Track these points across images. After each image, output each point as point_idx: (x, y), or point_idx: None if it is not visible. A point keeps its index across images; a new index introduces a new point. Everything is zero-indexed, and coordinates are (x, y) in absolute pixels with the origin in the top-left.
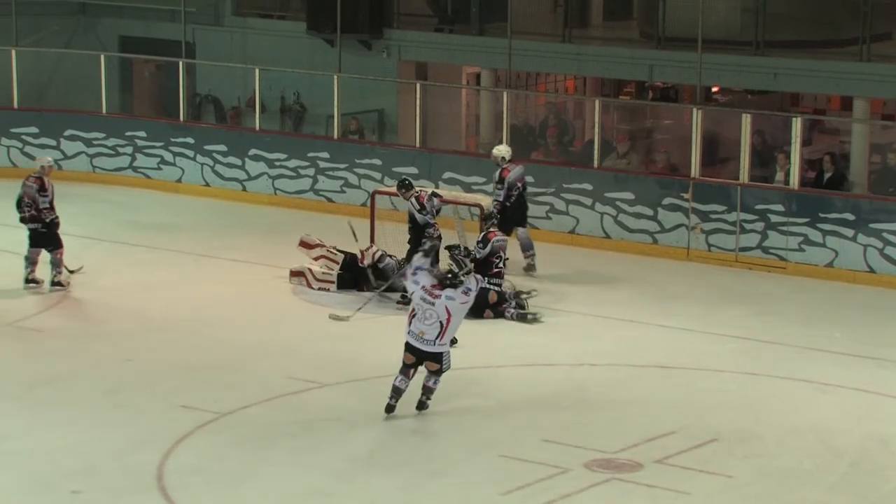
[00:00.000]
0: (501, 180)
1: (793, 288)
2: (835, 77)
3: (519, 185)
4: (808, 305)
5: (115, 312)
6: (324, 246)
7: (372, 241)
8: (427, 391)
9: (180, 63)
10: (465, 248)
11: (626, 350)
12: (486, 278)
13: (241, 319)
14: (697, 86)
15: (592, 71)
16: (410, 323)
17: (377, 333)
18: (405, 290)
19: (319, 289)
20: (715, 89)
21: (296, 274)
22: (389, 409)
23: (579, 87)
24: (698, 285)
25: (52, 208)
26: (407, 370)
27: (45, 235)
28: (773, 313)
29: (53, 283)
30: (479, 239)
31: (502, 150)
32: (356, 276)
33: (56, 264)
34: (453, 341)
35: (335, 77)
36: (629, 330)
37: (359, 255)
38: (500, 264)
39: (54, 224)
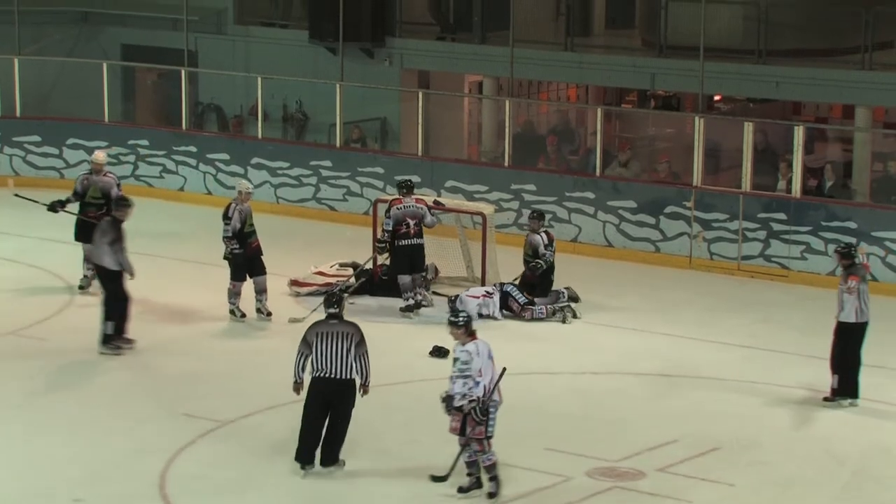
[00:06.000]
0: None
1: (795, 296)
2: (837, 85)
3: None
4: (810, 314)
5: None
6: (324, 274)
7: (374, 250)
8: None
9: (182, 72)
10: (544, 261)
11: (628, 358)
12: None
13: (242, 327)
14: (700, 94)
15: (594, 79)
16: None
17: (379, 342)
18: (405, 296)
19: (337, 281)
20: (717, 98)
21: (296, 283)
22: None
23: (581, 95)
24: (700, 294)
25: (232, 237)
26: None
27: (231, 265)
28: (776, 321)
29: (257, 311)
30: (547, 242)
31: (99, 156)
32: (373, 289)
33: (257, 292)
34: (445, 353)
35: (337, 85)
36: (631, 338)
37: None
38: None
39: (237, 255)
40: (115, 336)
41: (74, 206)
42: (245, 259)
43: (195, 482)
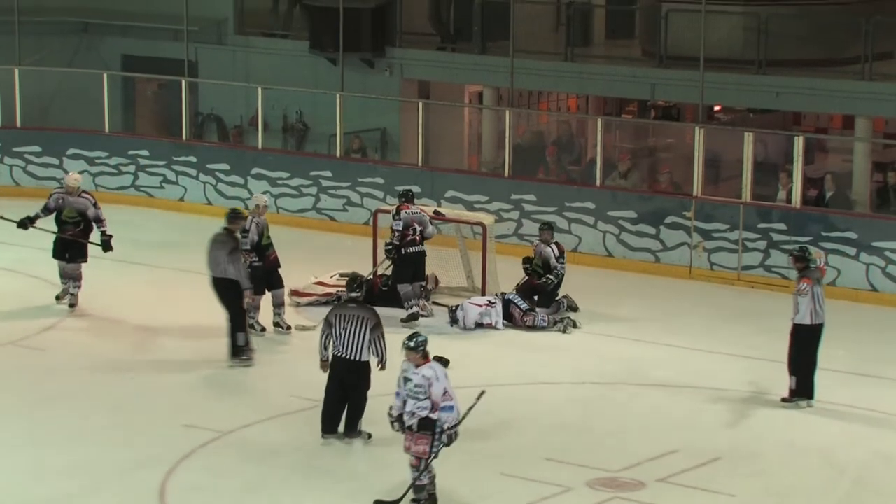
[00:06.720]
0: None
1: None
2: (837, 96)
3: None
4: None
5: (116, 331)
6: (325, 284)
7: (375, 260)
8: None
9: (183, 82)
10: (554, 275)
11: (628, 368)
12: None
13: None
14: (700, 104)
15: (595, 89)
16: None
17: None
18: (407, 306)
19: (336, 290)
20: (717, 108)
21: (297, 293)
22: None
23: (581, 105)
24: (701, 304)
25: (251, 250)
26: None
27: (252, 279)
28: (776, 331)
29: (275, 325)
30: (559, 255)
31: (72, 178)
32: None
33: (275, 305)
34: (445, 362)
35: (338, 95)
36: (631, 348)
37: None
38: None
39: (257, 268)
40: (245, 347)
41: (44, 222)
42: (264, 272)
43: (195, 493)
